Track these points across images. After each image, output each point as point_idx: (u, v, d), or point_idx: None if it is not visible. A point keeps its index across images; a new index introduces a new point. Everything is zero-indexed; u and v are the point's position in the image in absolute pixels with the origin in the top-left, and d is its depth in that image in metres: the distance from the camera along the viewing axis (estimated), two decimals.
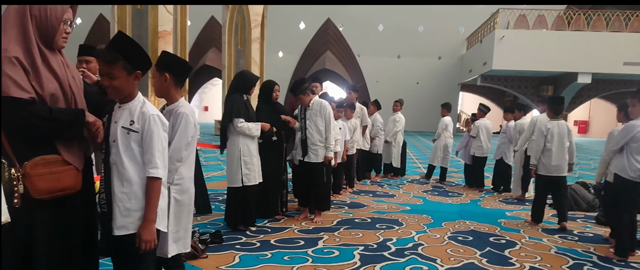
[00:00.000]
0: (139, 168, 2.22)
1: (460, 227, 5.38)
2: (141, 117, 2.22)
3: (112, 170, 2.23)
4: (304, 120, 5.31)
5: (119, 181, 2.21)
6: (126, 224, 2.22)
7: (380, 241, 4.65)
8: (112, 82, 2.17)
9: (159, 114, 2.28)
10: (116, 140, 2.21)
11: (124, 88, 2.21)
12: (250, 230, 4.84)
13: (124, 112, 2.25)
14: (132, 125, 2.22)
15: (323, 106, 5.29)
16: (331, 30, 29.85)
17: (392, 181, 8.88)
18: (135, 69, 2.20)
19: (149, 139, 2.21)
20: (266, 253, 4.15)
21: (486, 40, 22.98)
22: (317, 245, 4.44)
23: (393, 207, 6.41)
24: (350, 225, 5.29)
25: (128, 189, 2.21)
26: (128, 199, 2.21)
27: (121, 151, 2.21)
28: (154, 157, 2.21)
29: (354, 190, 7.56)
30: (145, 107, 2.26)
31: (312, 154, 5.28)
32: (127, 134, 2.21)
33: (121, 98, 2.26)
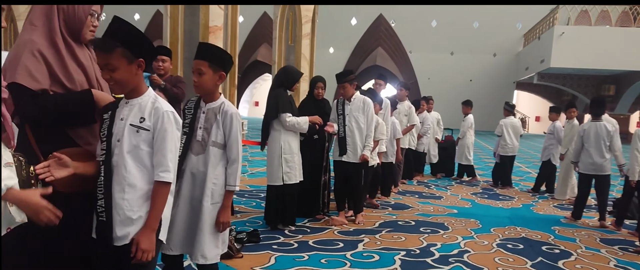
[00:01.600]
0: (145, 172, 1.98)
1: (510, 233, 5.09)
2: (153, 113, 1.99)
3: (113, 173, 1.97)
4: (341, 116, 5.02)
5: (121, 186, 1.96)
6: (127, 233, 1.97)
7: (424, 246, 4.45)
8: (112, 75, 1.92)
9: (173, 111, 2.04)
10: (121, 140, 1.97)
11: (127, 80, 1.95)
12: (289, 230, 4.74)
13: (133, 109, 2.01)
14: (143, 123, 1.98)
15: (366, 103, 5.01)
16: (383, 26, 29.52)
17: (440, 181, 8.61)
18: (136, 56, 1.94)
19: (161, 139, 1.97)
20: (303, 255, 4.03)
21: (544, 36, 22.08)
22: (356, 248, 4.28)
23: (439, 209, 6.17)
24: (393, 227, 5.10)
25: (131, 195, 1.96)
26: (130, 207, 1.96)
27: (125, 152, 1.96)
28: (165, 158, 1.97)
29: (399, 191, 7.35)
30: (158, 102, 2.02)
31: (351, 153, 4.98)
32: (136, 132, 1.97)
33: (127, 92, 2.02)
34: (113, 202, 1.95)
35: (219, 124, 2.60)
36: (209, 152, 2.59)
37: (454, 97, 22.07)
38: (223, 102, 2.64)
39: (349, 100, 5.01)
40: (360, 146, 4.98)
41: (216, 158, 2.59)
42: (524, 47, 27.13)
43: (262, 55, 30.26)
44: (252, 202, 6.01)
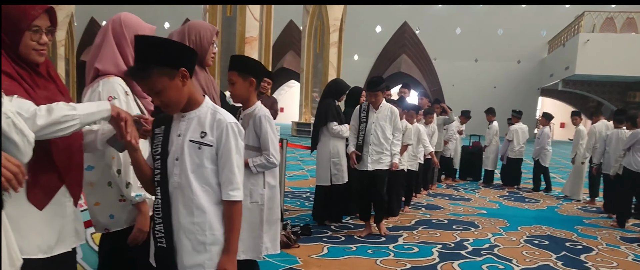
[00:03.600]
0: (211, 192, 1.79)
1: (536, 231, 5.54)
2: (216, 126, 1.79)
3: (175, 196, 1.79)
4: (364, 124, 4.88)
5: (187, 209, 1.77)
6: (202, 261, 1.79)
7: (458, 241, 4.94)
8: (161, 98, 1.71)
9: (236, 121, 1.83)
10: (180, 158, 1.77)
11: (177, 97, 1.73)
12: (335, 226, 5.28)
13: (191, 123, 1.80)
14: (204, 138, 1.77)
15: (394, 112, 4.90)
16: (408, 33, 29.94)
17: (468, 185, 9.06)
18: (175, 67, 1.70)
19: (227, 154, 1.78)
20: (351, 246, 4.57)
21: (569, 43, 22.28)
22: (397, 242, 4.81)
23: (469, 210, 6.64)
24: (428, 225, 5.60)
25: (201, 218, 1.78)
26: (202, 231, 1.78)
27: (189, 171, 1.76)
28: (234, 175, 1.79)
29: (429, 193, 7.82)
30: (219, 113, 1.81)
31: (376, 161, 4.86)
32: (198, 149, 1.77)
33: (182, 106, 1.79)
34: (180, 227, 1.79)
35: (250, 128, 2.79)
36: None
37: (479, 103, 22.39)
38: (256, 107, 2.82)
39: (376, 108, 4.89)
40: (387, 154, 4.87)
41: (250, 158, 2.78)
42: (549, 54, 27.27)
43: (288, 62, 30.90)
44: (296, 201, 6.57)
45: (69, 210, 1.73)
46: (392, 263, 4.14)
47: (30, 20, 1.60)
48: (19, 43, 1.59)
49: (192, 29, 2.50)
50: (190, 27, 2.52)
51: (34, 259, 1.58)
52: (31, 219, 1.60)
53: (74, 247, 1.78)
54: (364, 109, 4.91)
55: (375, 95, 4.82)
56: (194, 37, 2.50)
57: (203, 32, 2.51)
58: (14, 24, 1.57)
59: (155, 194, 1.83)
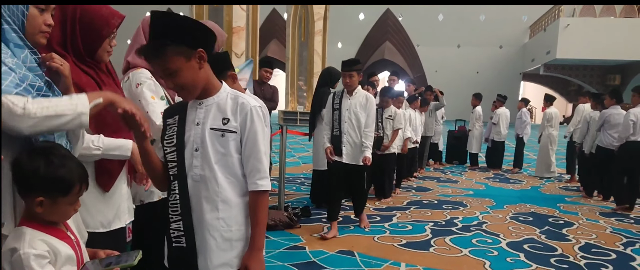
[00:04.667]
0: (236, 183, 1.68)
1: (521, 209, 5.87)
2: (240, 110, 1.65)
3: (197, 190, 1.67)
4: (338, 111, 4.46)
5: (211, 204, 1.65)
6: (229, 260, 1.69)
7: (448, 219, 5.24)
8: (175, 80, 1.57)
9: (262, 104, 1.71)
10: (201, 149, 1.65)
11: (193, 79, 1.59)
12: None
13: (210, 110, 1.67)
14: (228, 124, 1.64)
15: (369, 99, 4.46)
16: (391, 20, 30.16)
17: (455, 168, 9.39)
18: (193, 47, 1.56)
19: (253, 139, 1.65)
20: (349, 225, 4.84)
21: (550, 28, 22.73)
22: (392, 221, 5.09)
23: (457, 191, 6.95)
24: (419, 205, 5.90)
25: (226, 212, 1.66)
26: (228, 227, 1.67)
27: (213, 162, 1.64)
28: (261, 163, 1.67)
29: (418, 176, 8.12)
30: (241, 97, 1.68)
31: (351, 153, 4.44)
32: (221, 136, 1.64)
33: (199, 94, 1.66)
34: (204, 224, 1.67)
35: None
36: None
37: (462, 89, 22.82)
38: (228, 93, 2.50)
39: (351, 93, 4.47)
40: (365, 144, 4.41)
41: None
42: (530, 39, 27.76)
43: (272, 51, 30.99)
44: (292, 186, 6.81)
45: (124, 191, 1.95)
46: (389, 239, 4.43)
47: (112, 29, 1.82)
48: (98, 47, 1.80)
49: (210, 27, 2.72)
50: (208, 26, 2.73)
51: (96, 232, 1.80)
52: (95, 199, 1.82)
53: (127, 223, 2.00)
54: (338, 95, 4.51)
55: (350, 75, 4.40)
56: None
57: (219, 33, 2.74)
58: (97, 31, 1.78)
59: (171, 189, 1.68)
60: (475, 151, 9.65)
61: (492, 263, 3.89)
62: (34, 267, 1.31)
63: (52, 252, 1.36)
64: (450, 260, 3.93)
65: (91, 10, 1.77)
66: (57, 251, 1.37)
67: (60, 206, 1.39)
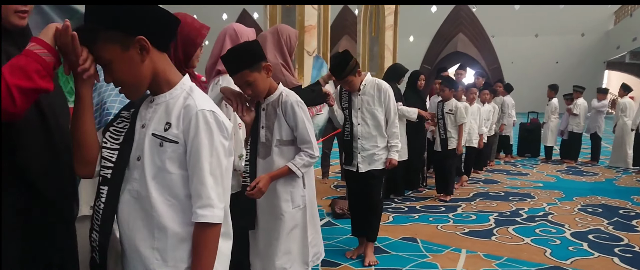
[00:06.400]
0: (178, 207, 1.36)
1: (591, 201, 5.83)
2: (183, 115, 1.34)
3: (131, 207, 1.39)
4: (347, 110, 3.69)
5: (147, 229, 1.36)
6: None
7: (513, 210, 5.33)
8: (111, 74, 1.34)
9: (215, 109, 1.36)
10: (142, 158, 1.37)
11: (134, 74, 1.33)
12: (397, 199, 5.78)
13: (158, 110, 1.38)
14: (168, 131, 1.34)
15: (382, 88, 3.63)
16: (464, 11, 29.59)
17: (526, 161, 9.30)
18: (130, 33, 1.30)
19: (195, 155, 1.32)
20: (414, 215, 5.07)
21: (637, 13, 21.50)
22: (456, 211, 5.26)
23: (526, 183, 6.96)
24: (485, 197, 6.01)
25: (162, 243, 1.35)
26: (162, 262, 1.36)
27: (150, 177, 1.35)
28: (204, 186, 1.32)
29: (487, 169, 8.14)
30: (191, 97, 1.37)
31: (367, 160, 3.63)
32: (159, 146, 1.35)
33: (145, 90, 1.40)
34: (135, 252, 1.39)
35: (280, 119, 2.35)
36: (274, 153, 2.38)
37: (540, 80, 22.08)
38: (281, 93, 2.37)
39: (358, 89, 3.63)
40: (381, 147, 3.64)
41: (286, 158, 2.37)
42: (615, 25, 26.34)
43: (343, 46, 31.30)
44: None
45: None
46: (452, 228, 4.62)
47: (203, 38, 2.17)
48: (193, 55, 2.16)
49: (283, 30, 3.06)
50: (281, 29, 3.07)
51: None
52: None
53: None
54: (346, 91, 3.71)
55: (346, 82, 3.56)
56: (286, 38, 3.04)
57: (292, 34, 3.07)
58: (193, 41, 2.12)
59: (99, 192, 1.40)
60: (550, 144, 9.48)
61: (553, 251, 4.00)
62: None
63: None
64: (510, 248, 4.07)
65: (187, 24, 2.12)
66: None
67: None
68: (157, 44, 1.35)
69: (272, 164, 2.37)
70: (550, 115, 9.48)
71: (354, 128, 3.66)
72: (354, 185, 3.89)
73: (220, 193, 1.36)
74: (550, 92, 9.57)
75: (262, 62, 2.21)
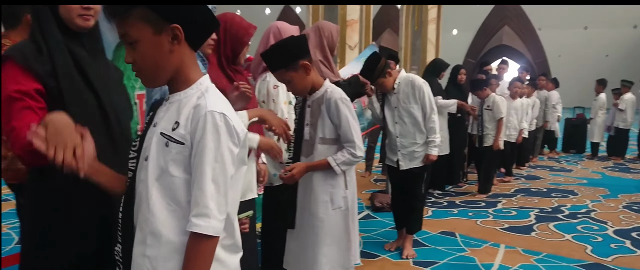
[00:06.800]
0: (180, 214, 1.26)
1: (637, 199, 5.71)
2: (192, 115, 1.24)
3: (136, 210, 1.31)
4: (382, 109, 3.79)
5: (142, 234, 1.27)
6: None
7: (555, 206, 5.29)
8: (133, 54, 1.25)
9: (226, 111, 1.25)
10: (149, 158, 1.28)
11: (157, 60, 1.25)
12: (437, 193, 5.83)
13: (170, 108, 1.30)
14: (176, 131, 1.25)
15: (416, 85, 3.62)
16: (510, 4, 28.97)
17: (571, 157, 9.13)
18: (167, 19, 1.22)
19: (199, 158, 1.22)
20: (453, 210, 5.11)
21: None
22: (496, 207, 5.27)
23: (569, 180, 6.86)
24: (526, 193, 5.97)
25: (154, 251, 1.25)
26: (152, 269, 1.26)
27: (152, 178, 1.26)
28: (203, 193, 1.21)
29: (530, 165, 8.04)
30: (204, 98, 1.26)
31: (407, 158, 3.68)
32: (165, 146, 1.26)
33: (162, 82, 1.32)
34: (132, 257, 1.30)
35: (323, 116, 2.32)
36: (317, 151, 2.35)
37: (588, 74, 21.40)
38: (327, 89, 2.34)
39: (392, 88, 3.67)
40: (420, 144, 3.66)
41: (327, 156, 2.33)
42: None
43: (385, 40, 31.09)
44: None
45: (254, 168, 2.44)
46: (491, 223, 4.65)
47: (250, 36, 2.31)
48: (240, 52, 2.31)
49: (324, 27, 3.18)
50: (322, 26, 3.19)
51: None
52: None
53: (257, 194, 2.48)
54: (380, 92, 3.80)
55: (377, 85, 3.66)
56: (328, 34, 3.15)
57: (333, 31, 3.18)
58: (240, 39, 2.27)
59: (119, 201, 1.38)
60: (597, 140, 9.26)
61: (594, 248, 3.98)
62: None
63: None
64: (550, 244, 4.07)
65: (235, 23, 2.26)
66: None
67: None
68: (190, 39, 1.28)
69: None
70: (597, 111, 9.26)
71: (392, 126, 3.72)
72: (395, 180, 3.95)
73: (222, 203, 1.23)
74: (599, 87, 9.34)
75: (299, 61, 2.19)
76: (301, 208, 2.40)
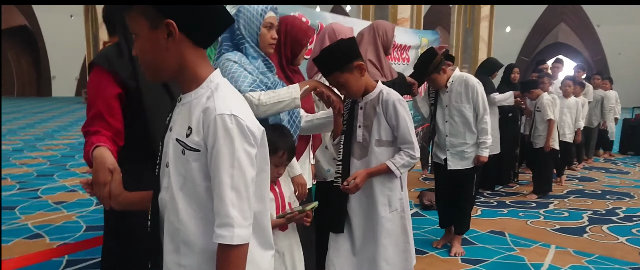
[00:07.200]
0: (211, 218, 1.20)
1: None
2: (203, 120, 1.19)
3: (163, 219, 1.29)
4: (433, 107, 3.83)
5: (174, 244, 1.25)
6: None
7: (609, 208, 5.20)
8: (137, 48, 1.24)
9: (238, 113, 1.18)
10: (169, 165, 1.26)
11: (154, 56, 1.22)
12: (487, 193, 5.82)
13: (183, 111, 1.26)
14: (190, 137, 1.20)
15: (470, 84, 3.62)
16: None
17: (629, 159, 8.85)
18: (162, 13, 1.18)
19: (215, 166, 1.17)
20: (503, 209, 5.11)
21: None
22: (548, 207, 5.22)
23: (626, 182, 6.69)
24: (580, 194, 5.88)
25: (189, 259, 1.24)
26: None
27: (177, 187, 1.23)
28: (223, 202, 1.16)
29: (584, 166, 7.86)
30: (213, 99, 1.20)
31: (456, 157, 3.70)
32: (182, 153, 1.22)
33: (164, 78, 1.29)
34: (164, 267, 1.29)
35: (379, 118, 2.30)
36: (373, 153, 2.33)
37: None
38: (381, 91, 2.32)
39: (445, 86, 3.70)
40: (470, 144, 3.66)
41: (385, 159, 2.31)
42: None
43: None
44: None
45: (307, 165, 2.58)
46: (542, 223, 4.63)
47: (309, 38, 2.44)
48: (299, 54, 2.45)
49: (379, 26, 3.26)
50: (377, 25, 3.27)
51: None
52: None
53: (312, 185, 2.63)
54: (433, 88, 3.85)
55: (430, 80, 3.70)
56: (382, 33, 3.24)
57: (389, 30, 3.26)
58: (300, 41, 2.40)
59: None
60: None
61: None
62: None
63: None
64: (603, 246, 4.03)
65: (296, 26, 2.40)
66: None
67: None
68: (191, 36, 1.22)
69: (369, 165, 2.31)
70: None
71: (441, 125, 3.74)
72: (442, 179, 3.93)
73: (245, 209, 1.18)
74: None
75: (353, 62, 2.17)
76: (355, 211, 2.37)
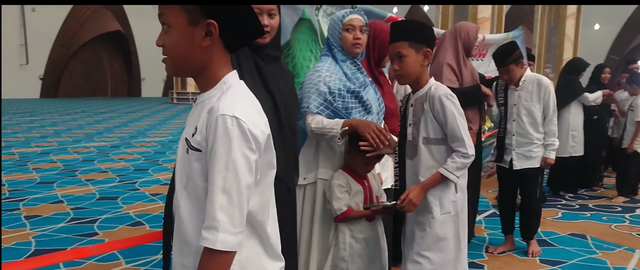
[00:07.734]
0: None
1: None
2: (207, 120, 1.18)
3: (175, 220, 1.31)
4: (503, 107, 3.78)
5: (178, 243, 1.28)
6: None
7: None
8: (165, 39, 1.21)
9: (240, 115, 1.15)
10: (177, 164, 1.30)
11: (185, 51, 1.21)
12: (568, 196, 5.70)
13: (195, 111, 1.28)
14: (194, 137, 1.21)
15: (543, 85, 3.61)
16: None
17: None
18: (205, 13, 1.18)
19: (211, 166, 1.16)
20: (585, 213, 5.01)
21: None
22: (634, 212, 5.06)
23: None
24: None
25: (189, 260, 1.24)
26: None
27: (180, 186, 1.26)
28: (212, 205, 1.13)
29: None
30: (221, 100, 1.19)
31: (522, 157, 3.67)
32: (186, 153, 1.23)
33: (188, 75, 1.29)
34: (172, 266, 1.32)
35: (427, 115, 2.15)
36: (421, 152, 2.17)
37: None
38: (431, 87, 2.17)
39: (516, 84, 3.70)
40: (537, 144, 3.64)
41: (434, 158, 2.15)
42: None
43: None
44: None
45: (390, 162, 2.70)
46: (627, 228, 4.51)
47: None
48: (384, 56, 2.62)
49: (462, 28, 3.37)
50: (460, 27, 3.38)
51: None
52: None
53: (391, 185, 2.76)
54: (501, 87, 3.81)
55: (506, 71, 3.63)
56: (464, 34, 3.32)
57: (471, 31, 3.36)
58: (386, 45, 2.38)
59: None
60: None
61: None
62: (335, 191, 2.21)
63: (347, 184, 2.25)
64: None
65: (384, 31, 2.55)
66: (350, 185, 2.25)
67: (358, 162, 2.26)
68: (226, 40, 1.23)
69: (419, 165, 2.16)
70: None
71: (509, 124, 3.72)
72: (505, 183, 3.93)
73: (235, 215, 1.13)
74: None
75: (424, 46, 2.07)
76: (413, 213, 2.20)
